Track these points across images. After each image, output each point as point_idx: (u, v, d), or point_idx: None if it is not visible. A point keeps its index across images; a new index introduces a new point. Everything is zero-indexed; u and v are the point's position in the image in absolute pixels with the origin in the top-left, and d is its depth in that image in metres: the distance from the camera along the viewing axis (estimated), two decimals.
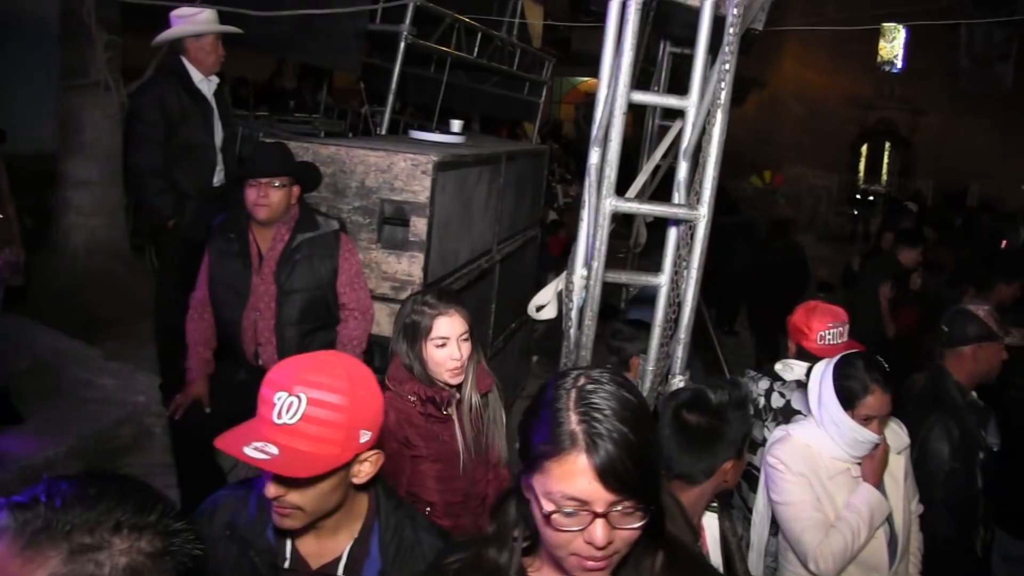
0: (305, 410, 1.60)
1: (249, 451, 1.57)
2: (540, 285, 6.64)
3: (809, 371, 2.98)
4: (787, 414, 3.34)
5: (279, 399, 1.61)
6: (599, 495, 1.25)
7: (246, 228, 3.59)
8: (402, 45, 5.68)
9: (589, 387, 1.31)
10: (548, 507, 1.29)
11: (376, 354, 3.86)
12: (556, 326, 3.73)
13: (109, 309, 5.44)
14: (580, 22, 15.99)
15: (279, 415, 1.60)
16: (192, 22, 4.31)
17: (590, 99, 16.35)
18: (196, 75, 4.36)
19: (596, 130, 3.15)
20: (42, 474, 3.88)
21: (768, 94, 22.07)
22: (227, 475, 4.04)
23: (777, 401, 3.40)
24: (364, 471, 1.74)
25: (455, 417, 2.75)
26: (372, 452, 1.74)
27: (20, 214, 4.32)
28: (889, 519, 2.82)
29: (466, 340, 2.74)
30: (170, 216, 4.26)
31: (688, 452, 2.22)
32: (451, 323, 2.70)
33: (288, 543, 1.81)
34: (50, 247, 5.59)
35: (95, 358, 4.81)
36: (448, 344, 2.68)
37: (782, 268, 8.74)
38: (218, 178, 4.42)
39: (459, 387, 2.77)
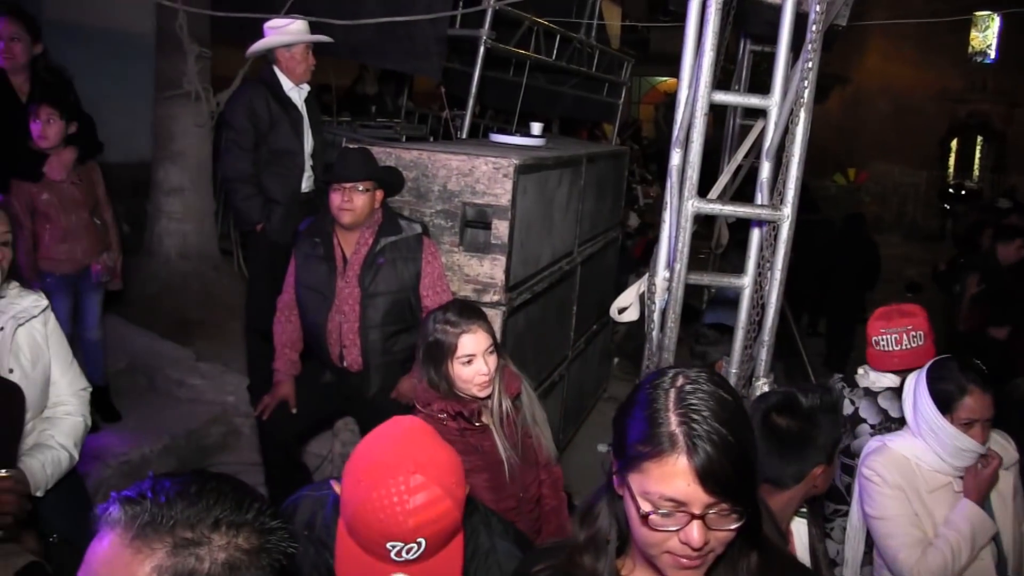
0: (426, 547, 1.57)
1: None
2: (621, 287, 6.60)
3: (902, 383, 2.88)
4: (854, 422, 3.26)
5: (394, 546, 1.55)
6: (697, 497, 1.24)
7: (331, 232, 3.66)
8: (481, 49, 5.72)
9: (688, 387, 1.30)
10: (645, 507, 1.27)
11: None
12: (638, 328, 3.71)
13: (199, 311, 5.60)
14: (658, 22, 15.86)
15: (399, 555, 1.55)
16: (283, 33, 4.41)
17: (670, 99, 16.27)
18: (287, 84, 4.44)
19: (677, 131, 3.12)
20: (138, 469, 4.04)
21: (852, 90, 21.53)
22: (312, 474, 4.12)
23: (847, 408, 3.31)
24: None
25: (491, 425, 2.70)
26: None
27: (117, 220, 4.47)
28: (996, 540, 2.66)
29: (492, 353, 2.67)
30: (258, 221, 4.36)
31: (777, 456, 2.17)
32: (476, 339, 2.63)
33: None
34: (144, 251, 5.79)
35: (187, 359, 4.96)
36: (475, 360, 2.62)
37: (854, 263, 8.66)
38: (307, 184, 4.50)
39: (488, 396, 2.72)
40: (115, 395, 4.49)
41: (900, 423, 2.97)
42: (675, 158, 3.17)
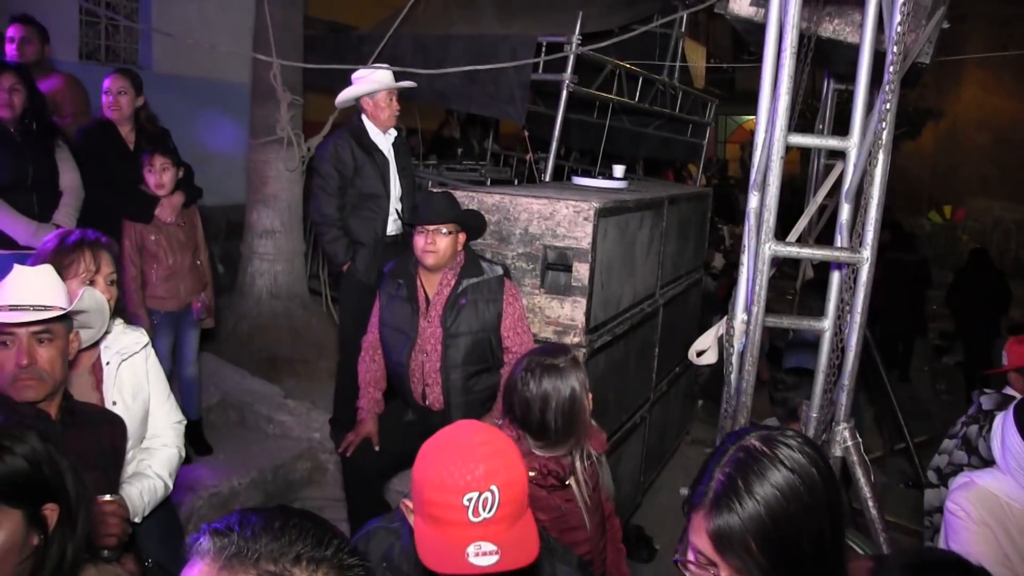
0: (501, 499, 1.63)
1: (475, 561, 1.60)
2: (705, 328, 6.54)
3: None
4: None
5: (469, 500, 1.61)
6: (713, 554, 1.27)
7: (414, 274, 3.76)
8: (564, 93, 5.81)
9: (755, 448, 1.29)
10: (686, 554, 1.32)
11: None
12: (721, 370, 3.68)
13: (288, 349, 5.77)
14: (743, 61, 15.79)
15: (475, 512, 1.61)
16: (367, 82, 4.57)
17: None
18: (373, 130, 4.60)
19: (754, 174, 3.12)
20: (228, 501, 4.17)
21: (947, 125, 20.93)
22: (394, 511, 4.18)
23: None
24: None
25: (574, 483, 2.63)
26: None
27: (212, 261, 4.68)
28: None
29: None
30: (343, 261, 4.51)
31: None
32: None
33: None
34: (237, 291, 6.01)
35: (275, 396, 5.11)
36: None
37: (984, 291, 9.06)
38: (394, 227, 4.63)
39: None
40: (207, 429, 4.65)
41: None
42: (752, 201, 3.17)
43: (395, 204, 4.65)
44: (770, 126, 2.97)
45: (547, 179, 6.00)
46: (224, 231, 7.44)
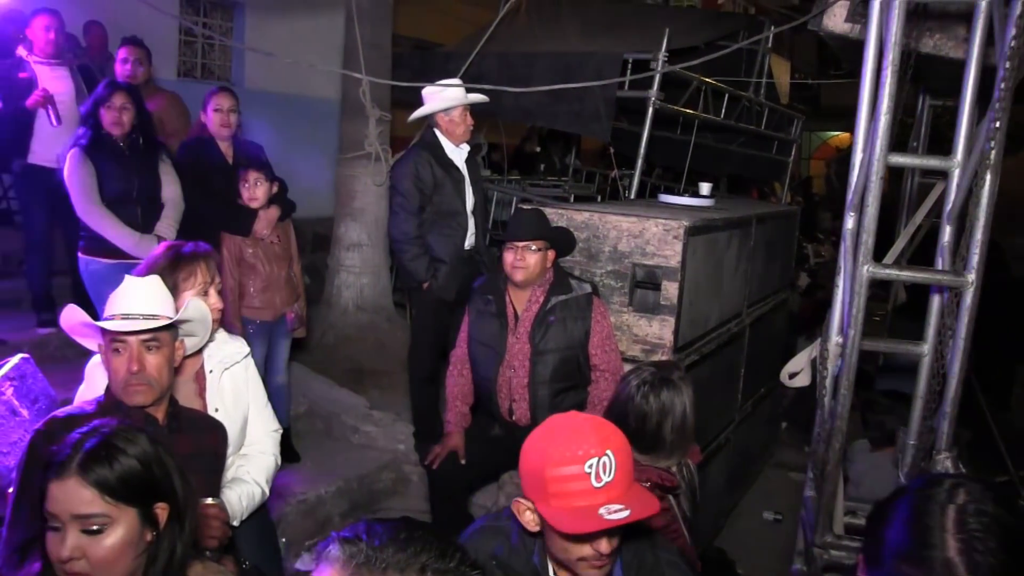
0: (617, 461, 1.72)
1: (610, 517, 1.68)
2: (790, 349, 6.46)
3: None
4: None
5: (591, 466, 1.70)
6: None
7: (503, 290, 3.78)
8: (650, 111, 5.79)
9: (970, 507, 1.18)
10: None
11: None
12: (807, 393, 3.62)
13: (372, 361, 5.85)
14: (829, 76, 15.53)
15: (597, 478, 1.70)
16: (440, 99, 4.61)
17: (842, 154, 15.79)
18: (448, 146, 4.63)
19: (851, 195, 3.07)
20: (314, 509, 4.24)
21: None
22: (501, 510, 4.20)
23: None
24: None
25: (675, 496, 2.65)
26: None
27: (301, 273, 4.77)
28: None
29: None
30: (424, 279, 4.55)
31: None
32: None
33: (551, 568, 1.94)
34: (323, 302, 6.12)
35: (361, 406, 5.18)
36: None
37: None
38: (470, 241, 4.66)
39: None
40: (295, 437, 4.74)
41: None
42: (849, 222, 3.12)
43: (470, 220, 4.69)
44: (869, 146, 2.91)
45: (632, 196, 5.98)
46: (310, 243, 7.60)
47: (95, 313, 3.02)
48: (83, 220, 4.22)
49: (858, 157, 3.07)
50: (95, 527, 1.58)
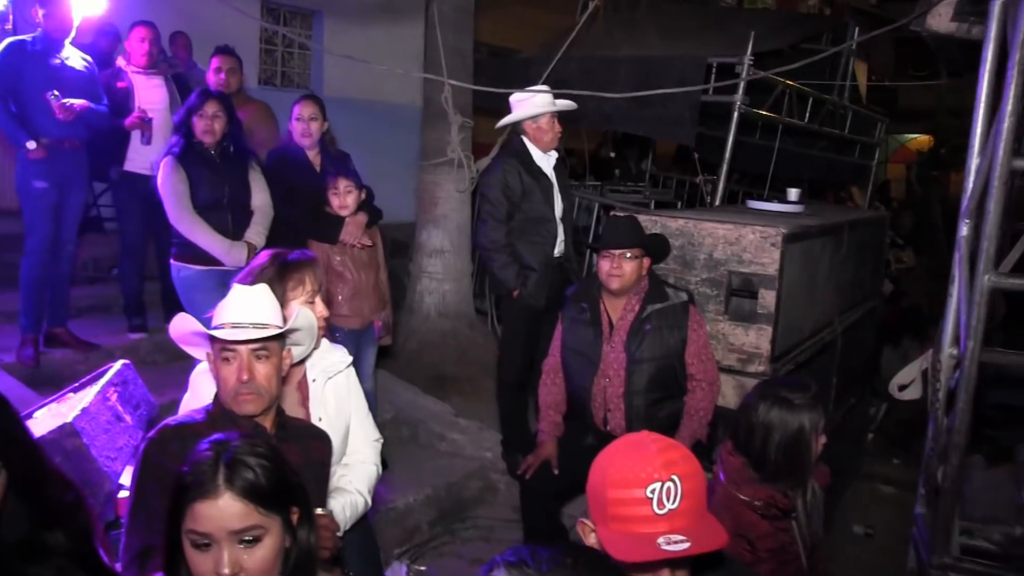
0: (684, 488, 1.61)
1: (667, 548, 1.58)
2: (877, 358, 6.28)
3: None
4: None
5: (653, 491, 1.60)
6: None
7: (598, 298, 3.73)
8: (735, 115, 5.70)
9: None
10: None
11: (720, 427, 3.83)
12: (898, 404, 3.50)
13: (454, 367, 5.84)
14: (908, 77, 15.15)
15: (660, 504, 1.60)
16: (530, 105, 4.58)
17: (924, 157, 15.37)
18: (536, 153, 4.59)
19: (967, 201, 2.96)
20: (403, 516, 4.23)
21: None
22: (568, 533, 4.15)
23: None
24: None
25: (797, 519, 2.54)
26: None
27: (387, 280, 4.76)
28: None
29: (822, 434, 2.56)
30: (514, 287, 4.51)
31: None
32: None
33: None
34: (405, 309, 6.13)
35: (447, 413, 5.17)
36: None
37: None
38: (559, 249, 4.61)
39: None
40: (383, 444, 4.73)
41: None
42: (963, 229, 3.01)
43: (560, 225, 4.64)
44: (990, 150, 2.80)
45: (716, 203, 5.89)
46: (389, 249, 7.63)
47: None
48: (175, 227, 4.27)
49: (974, 162, 2.97)
50: (251, 538, 1.57)
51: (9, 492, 1.65)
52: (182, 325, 2.36)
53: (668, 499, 1.59)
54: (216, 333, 2.21)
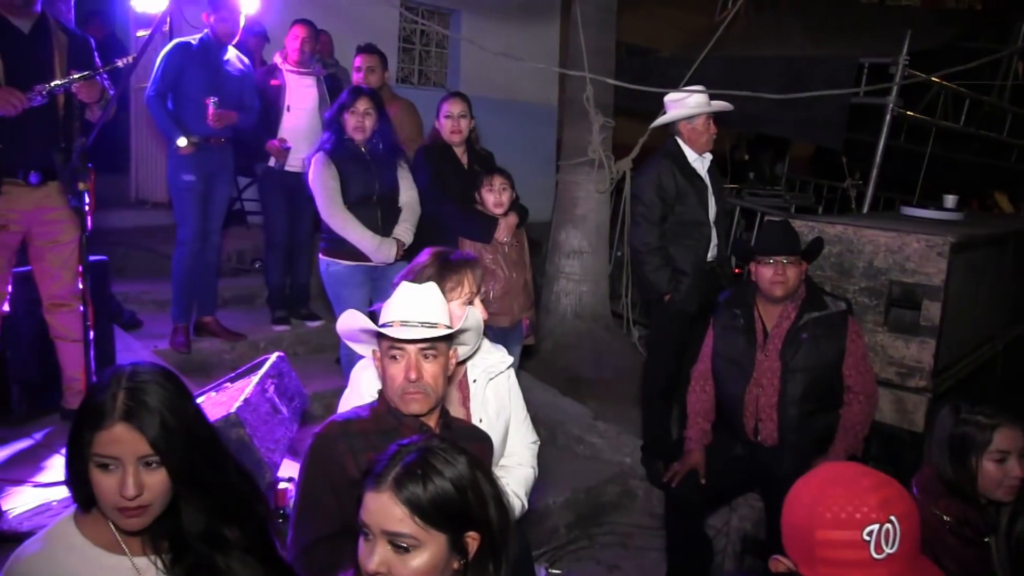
0: (902, 530, 1.53)
1: None
2: None
3: None
4: None
5: (870, 534, 1.52)
6: None
7: (752, 304, 3.64)
8: (888, 118, 5.48)
9: None
10: None
11: (874, 441, 3.69)
12: None
13: (589, 369, 5.80)
14: None
15: (878, 549, 1.52)
16: (685, 105, 4.48)
17: None
18: (691, 154, 4.49)
19: None
20: (543, 519, 4.22)
21: None
22: (712, 544, 4.07)
23: None
24: None
25: (994, 541, 2.41)
26: None
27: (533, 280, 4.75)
28: None
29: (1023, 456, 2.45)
30: (666, 291, 4.43)
31: None
32: (1013, 436, 2.38)
33: None
34: (542, 309, 6.12)
35: (585, 416, 5.12)
36: (1008, 459, 2.37)
37: None
38: (712, 253, 4.49)
39: (998, 507, 2.43)
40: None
41: None
42: None
43: (714, 229, 4.52)
44: None
45: (865, 209, 5.67)
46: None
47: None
48: (326, 222, 4.36)
49: None
50: (403, 545, 1.53)
51: (188, 484, 1.67)
52: (352, 321, 2.35)
53: (887, 543, 1.51)
54: (387, 331, 2.20)
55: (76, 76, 3.51)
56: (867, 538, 1.50)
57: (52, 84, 3.49)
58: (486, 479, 1.64)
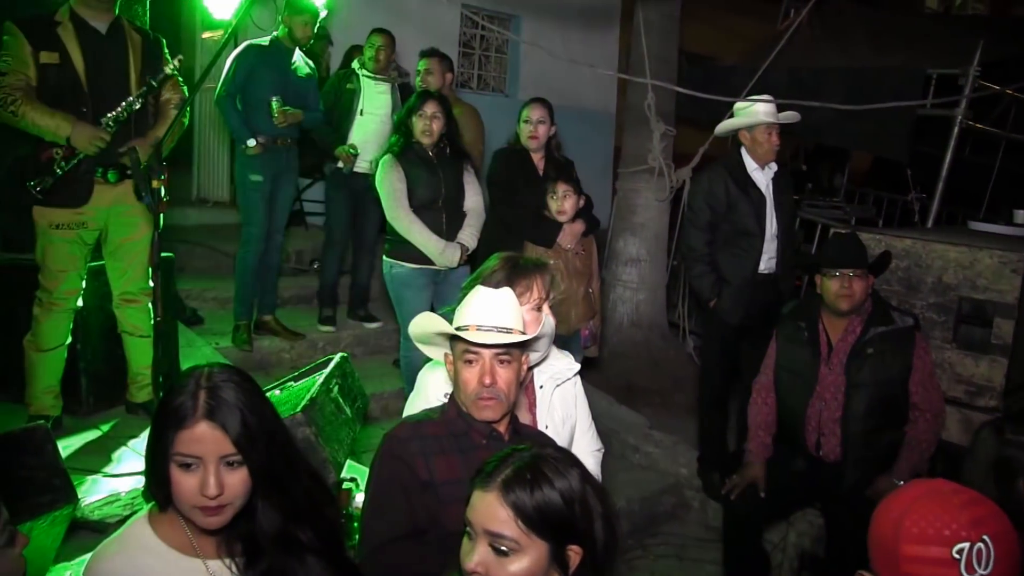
0: (996, 551, 1.48)
1: None
2: None
3: None
4: None
5: (960, 552, 1.47)
6: None
7: (817, 317, 3.60)
8: (955, 130, 5.38)
9: None
10: None
11: (940, 460, 3.62)
12: None
13: (645, 378, 5.78)
14: None
15: (969, 568, 1.47)
16: (745, 114, 4.45)
17: None
18: (751, 164, 4.43)
19: None
20: None
21: None
22: (769, 557, 4.02)
23: None
24: None
25: None
26: None
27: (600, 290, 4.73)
28: None
29: None
30: (708, 297, 4.42)
31: None
32: None
33: None
34: (600, 318, 6.12)
35: (642, 425, 5.10)
36: None
37: None
38: (768, 266, 4.41)
39: None
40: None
41: None
42: None
43: (770, 243, 4.45)
44: None
45: (930, 224, 5.57)
46: None
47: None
48: (392, 224, 4.38)
49: None
50: (503, 548, 1.52)
51: (267, 483, 1.68)
52: (427, 324, 2.34)
53: (979, 563, 1.47)
54: (465, 335, 2.18)
55: (131, 99, 3.60)
56: (957, 556, 1.46)
57: (116, 112, 3.57)
58: (596, 495, 1.62)
